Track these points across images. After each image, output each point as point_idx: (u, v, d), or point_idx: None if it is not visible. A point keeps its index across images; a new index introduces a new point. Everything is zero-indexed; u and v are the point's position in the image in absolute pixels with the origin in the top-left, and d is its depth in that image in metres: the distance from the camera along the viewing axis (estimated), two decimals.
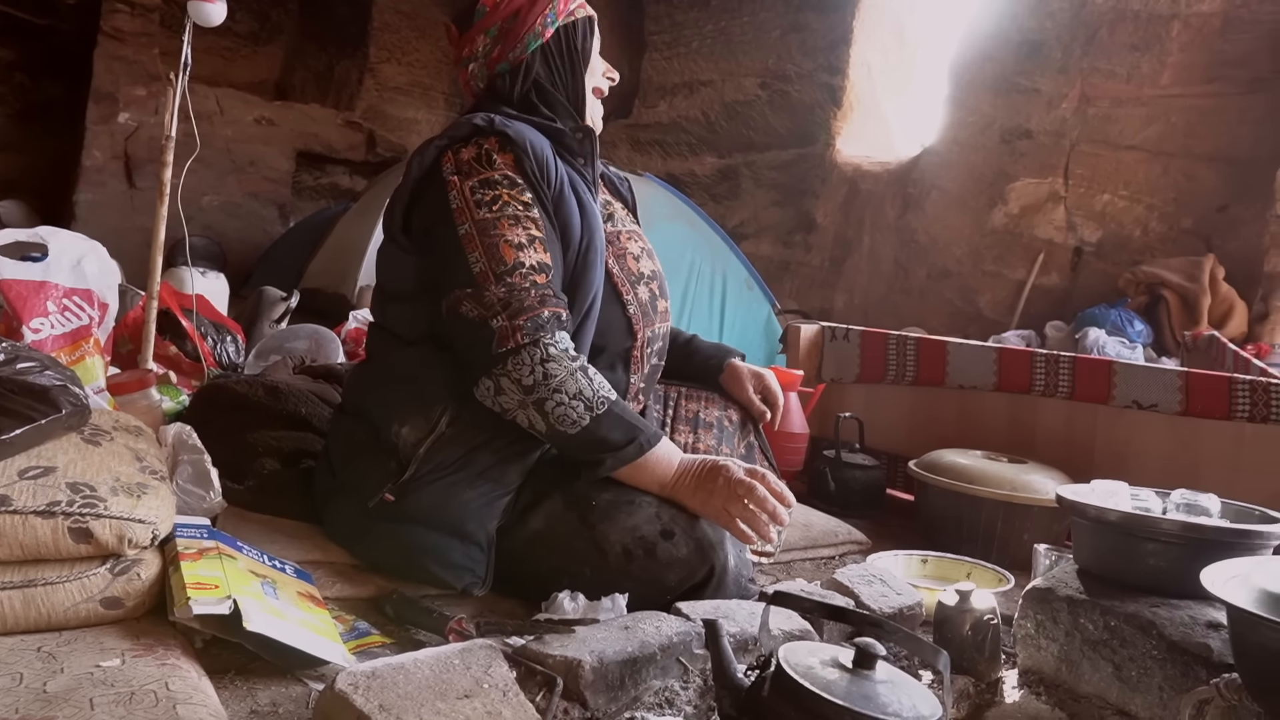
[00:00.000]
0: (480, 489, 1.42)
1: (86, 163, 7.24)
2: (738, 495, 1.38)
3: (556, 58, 1.59)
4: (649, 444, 1.41)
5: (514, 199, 1.43)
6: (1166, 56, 5.14)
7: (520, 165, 1.45)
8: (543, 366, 1.36)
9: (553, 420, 1.37)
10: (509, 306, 1.37)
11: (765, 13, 7.17)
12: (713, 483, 1.41)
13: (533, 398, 1.36)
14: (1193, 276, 4.77)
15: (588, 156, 1.59)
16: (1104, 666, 1.29)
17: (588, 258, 1.50)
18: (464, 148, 1.47)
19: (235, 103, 8.06)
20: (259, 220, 8.03)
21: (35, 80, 8.26)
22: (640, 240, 1.70)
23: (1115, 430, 2.19)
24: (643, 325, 1.61)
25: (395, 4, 9.01)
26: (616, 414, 1.39)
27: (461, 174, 1.45)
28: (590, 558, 1.40)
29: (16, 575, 1.10)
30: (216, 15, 2.10)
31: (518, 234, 1.41)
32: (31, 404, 1.22)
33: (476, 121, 1.47)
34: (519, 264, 1.40)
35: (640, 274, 1.64)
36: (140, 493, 1.20)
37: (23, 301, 1.60)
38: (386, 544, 1.44)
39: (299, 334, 2.83)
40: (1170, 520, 1.34)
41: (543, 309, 1.38)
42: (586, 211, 1.52)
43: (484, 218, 1.42)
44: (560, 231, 1.48)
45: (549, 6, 1.57)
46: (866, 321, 5.80)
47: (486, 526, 1.42)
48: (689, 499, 1.42)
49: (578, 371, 1.38)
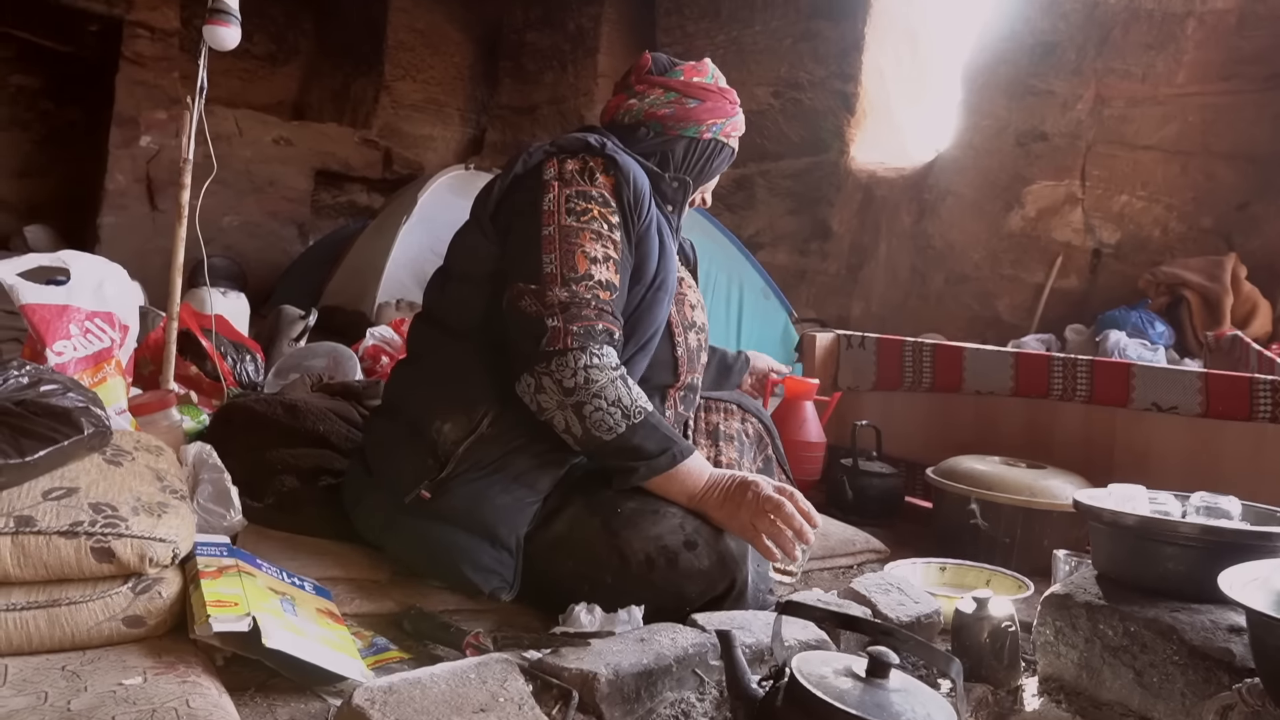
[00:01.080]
0: (514, 493, 1.45)
1: (109, 186, 7.36)
2: (765, 511, 1.40)
3: (695, 156, 1.70)
4: (681, 455, 1.44)
5: (603, 217, 1.48)
6: (1182, 55, 5.10)
7: (618, 190, 1.51)
8: (585, 372, 1.39)
9: (589, 424, 1.40)
10: (567, 310, 1.41)
11: (777, 21, 7.18)
12: (741, 497, 1.43)
13: (572, 400, 1.39)
14: (1214, 276, 4.72)
15: (678, 205, 1.68)
16: (1125, 673, 1.28)
17: (658, 295, 1.56)
18: (571, 159, 1.52)
19: (253, 124, 8.16)
20: (278, 239, 8.12)
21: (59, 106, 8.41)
22: (697, 294, 1.78)
23: (1135, 433, 2.17)
24: (686, 369, 1.66)
25: (409, 22, 9.11)
26: (652, 424, 1.43)
27: (562, 180, 1.50)
28: (612, 564, 1.41)
29: (41, 595, 1.12)
30: (231, 39, 2.13)
31: (595, 248, 1.46)
32: (54, 426, 1.24)
33: (590, 140, 1.54)
34: (588, 275, 1.44)
35: (693, 322, 1.71)
36: (161, 512, 1.22)
37: (46, 325, 1.62)
38: (417, 541, 1.46)
39: (317, 352, 2.85)
40: (1189, 523, 1.33)
41: (598, 321, 1.42)
42: (666, 252, 1.58)
43: (569, 225, 1.46)
44: (638, 264, 1.53)
45: (721, 119, 1.69)
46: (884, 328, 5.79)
47: (517, 531, 1.44)
48: (716, 511, 1.44)
49: (618, 379, 1.41)
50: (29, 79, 8.23)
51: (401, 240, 5.57)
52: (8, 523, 1.10)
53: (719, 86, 1.71)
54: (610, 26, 8.31)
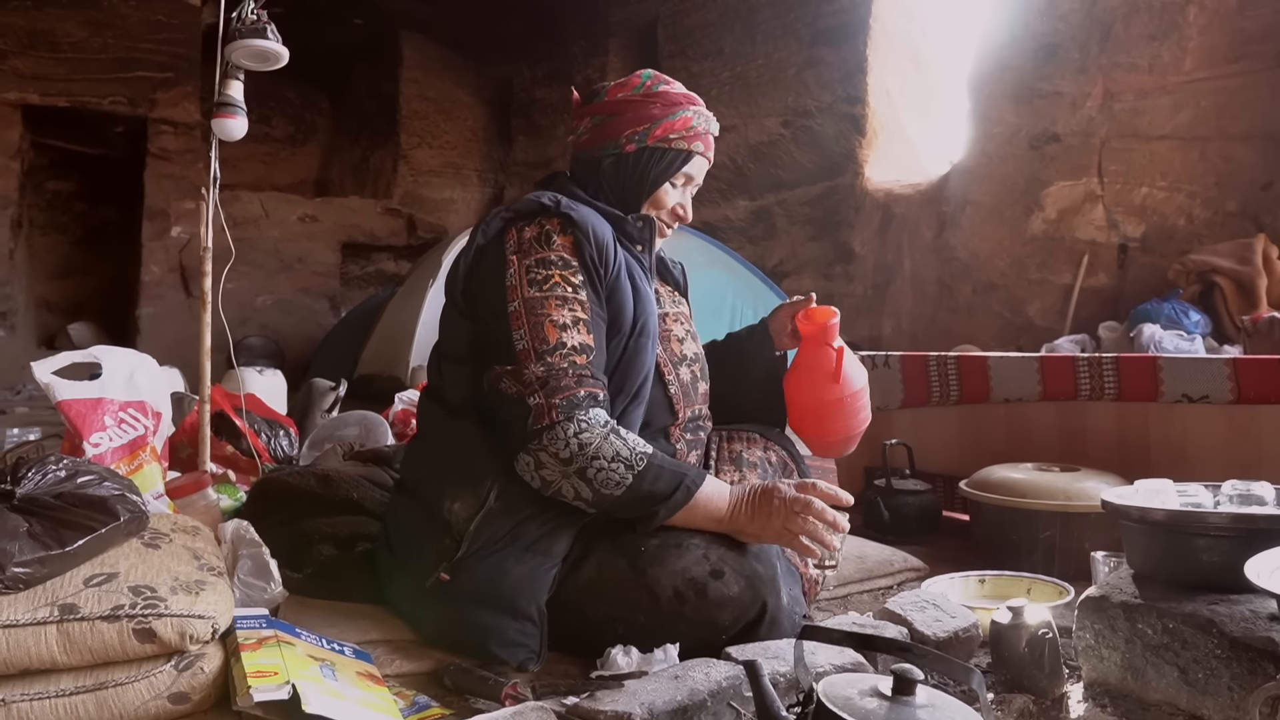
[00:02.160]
0: (529, 563, 1.44)
1: (145, 278, 7.59)
2: (795, 513, 1.41)
3: (625, 172, 1.63)
4: (695, 485, 1.44)
5: (565, 280, 1.47)
6: (1186, 42, 5.07)
7: (578, 248, 1.49)
8: (577, 439, 1.39)
9: (597, 485, 1.39)
10: (546, 385, 1.41)
11: (779, 53, 7.26)
12: (768, 506, 1.43)
13: (573, 468, 1.39)
14: (1245, 259, 4.64)
15: (646, 244, 1.63)
16: (1169, 671, 1.25)
17: (639, 341, 1.54)
18: (528, 226, 1.51)
19: (279, 204, 8.40)
20: (311, 314, 8.29)
21: (93, 206, 8.73)
22: (685, 323, 1.76)
23: (1169, 426, 2.14)
24: (684, 405, 1.64)
25: (420, 91, 9.34)
26: (657, 465, 1.42)
27: (520, 252, 1.49)
28: (642, 603, 1.42)
29: (88, 679, 1.16)
30: (238, 130, 2.22)
31: (563, 314, 1.45)
32: (92, 515, 1.28)
33: (544, 201, 1.52)
34: (560, 344, 1.43)
35: (683, 356, 1.68)
36: (199, 589, 1.25)
37: (82, 419, 1.69)
38: (444, 623, 1.48)
39: (348, 421, 2.91)
40: (1219, 513, 1.31)
41: (579, 388, 1.41)
42: (641, 297, 1.56)
43: (533, 296, 1.46)
44: (614, 315, 1.52)
45: (645, 125, 1.61)
46: (916, 345, 5.76)
47: (537, 600, 1.44)
48: (748, 527, 1.44)
49: (610, 435, 1.41)
50: (64, 184, 8.57)
51: (429, 303, 5.66)
52: (52, 611, 1.14)
53: (645, 94, 1.63)
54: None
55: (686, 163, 1.65)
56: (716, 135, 1.72)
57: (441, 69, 9.48)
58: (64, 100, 7.36)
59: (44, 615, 1.13)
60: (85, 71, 7.39)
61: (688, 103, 1.65)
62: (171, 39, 7.66)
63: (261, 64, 2.22)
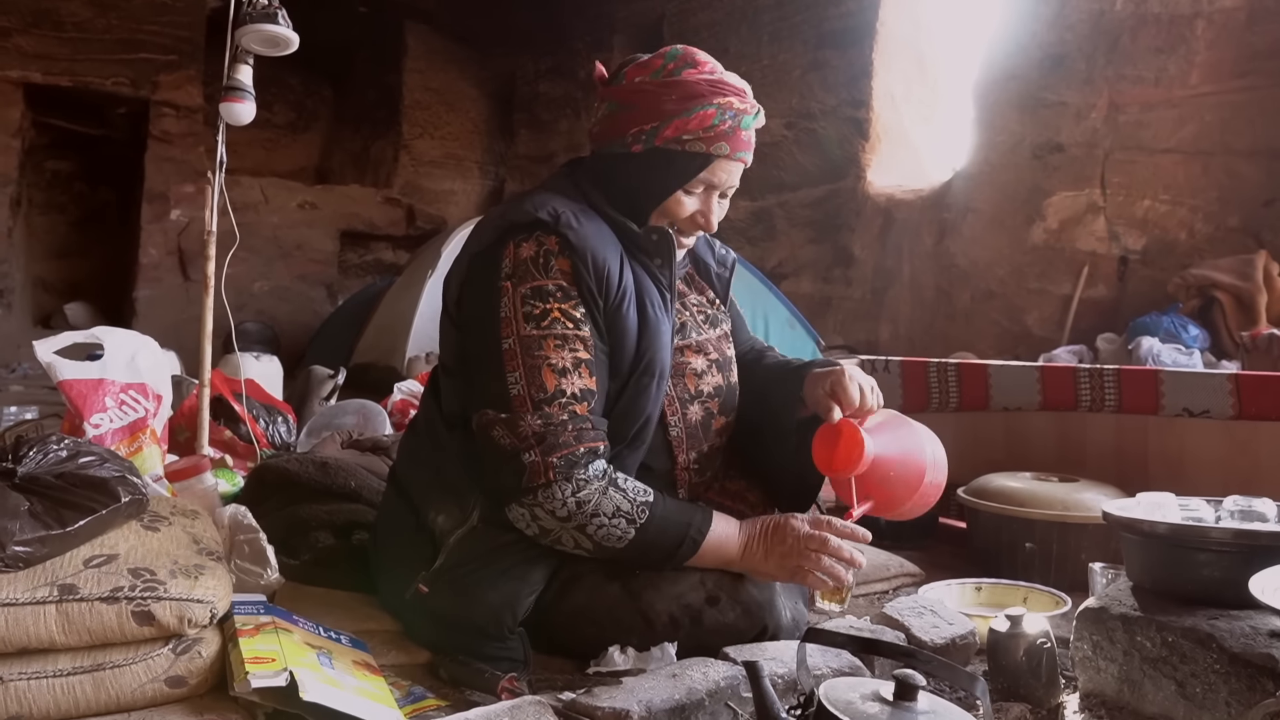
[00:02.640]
0: (502, 588, 1.38)
1: (143, 260, 7.57)
2: (809, 550, 1.35)
3: (631, 177, 1.45)
4: (702, 533, 1.37)
5: (565, 315, 1.35)
6: (1193, 55, 5.08)
7: (577, 274, 1.35)
8: (574, 499, 1.31)
9: (598, 540, 1.34)
10: (544, 441, 1.30)
11: (784, 54, 7.26)
12: (782, 544, 1.37)
13: (572, 524, 1.32)
14: (1245, 275, 4.66)
15: (665, 259, 1.45)
16: (1166, 685, 1.26)
17: (641, 382, 1.40)
18: (525, 241, 1.37)
19: (279, 190, 8.38)
20: (308, 301, 8.28)
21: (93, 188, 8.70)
22: (713, 352, 1.56)
23: (1168, 440, 2.15)
24: (686, 448, 1.50)
25: (424, 82, 9.33)
26: (660, 516, 1.35)
27: (515, 277, 1.35)
28: (637, 628, 1.40)
29: (86, 660, 1.16)
30: (246, 114, 2.21)
31: (563, 357, 1.33)
32: (93, 496, 1.28)
33: (542, 216, 1.37)
34: (560, 391, 1.32)
35: (698, 393, 1.52)
36: (197, 574, 1.25)
37: (83, 400, 1.68)
38: (425, 633, 1.46)
39: (347, 410, 2.91)
40: (1221, 529, 1.31)
41: (579, 445, 1.31)
42: (649, 329, 1.41)
43: (529, 334, 1.34)
44: (613, 349, 1.39)
45: (653, 124, 1.40)
46: (913, 350, 5.76)
47: (510, 623, 1.39)
48: (762, 566, 1.38)
49: (610, 489, 1.33)
50: (64, 164, 8.53)
51: (428, 294, 5.66)
52: (52, 591, 1.13)
53: (662, 82, 1.41)
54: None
55: (703, 168, 1.43)
56: (758, 127, 1.48)
57: (445, 60, 9.46)
58: (67, 80, 7.33)
59: (43, 595, 1.13)
60: (89, 52, 7.36)
61: (713, 94, 1.40)
62: (176, 21, 7.63)
63: (271, 49, 2.22)
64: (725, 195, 1.51)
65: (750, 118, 1.45)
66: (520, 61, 9.43)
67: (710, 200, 1.48)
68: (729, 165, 1.45)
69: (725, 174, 1.46)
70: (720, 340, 1.61)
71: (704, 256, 1.66)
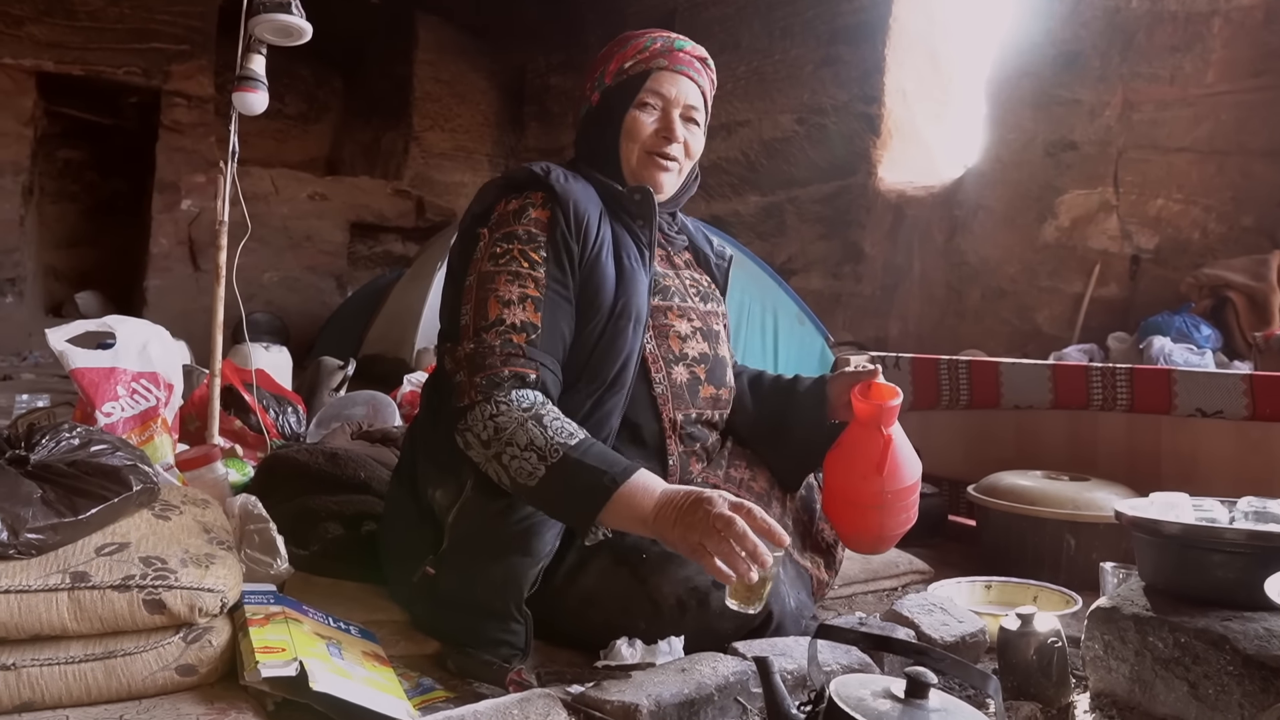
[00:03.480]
0: (506, 563, 1.37)
1: (153, 250, 7.59)
2: (715, 529, 1.21)
3: (596, 125, 1.58)
4: (616, 484, 1.27)
5: (524, 254, 1.42)
6: (1209, 54, 5.05)
7: (552, 223, 1.43)
8: (493, 421, 1.31)
9: (513, 474, 1.30)
10: (472, 362, 1.36)
11: (797, 49, 7.24)
12: (693, 516, 1.24)
13: (491, 451, 1.32)
14: (1259, 275, 4.63)
15: (646, 218, 1.53)
16: (1178, 686, 1.25)
17: (618, 324, 1.45)
18: (515, 198, 1.47)
19: (289, 181, 8.39)
20: (318, 292, 8.30)
21: (104, 177, 8.72)
22: (697, 319, 1.61)
23: (1180, 440, 2.13)
24: (672, 408, 1.52)
25: (435, 74, 9.33)
26: (575, 459, 1.28)
27: (493, 226, 1.45)
28: (645, 611, 1.39)
29: (98, 648, 1.16)
30: (259, 104, 2.21)
31: (511, 290, 1.39)
32: (105, 484, 1.28)
33: (535, 170, 1.48)
34: (499, 320, 1.38)
35: (682, 355, 1.55)
36: (208, 563, 1.25)
37: (95, 388, 1.69)
38: (430, 619, 1.46)
39: (356, 401, 2.91)
40: (1235, 529, 1.30)
41: (504, 368, 1.35)
42: (625, 278, 1.48)
43: (487, 270, 1.42)
44: (591, 295, 1.44)
45: (601, 69, 1.57)
46: (922, 347, 5.74)
47: (517, 600, 1.38)
48: (670, 533, 1.25)
49: (529, 421, 1.30)
50: (75, 152, 8.57)
51: (437, 286, 5.64)
52: (64, 579, 1.14)
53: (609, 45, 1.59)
54: None
55: (645, 80, 1.54)
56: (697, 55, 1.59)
57: (456, 52, 9.46)
58: (79, 69, 7.35)
59: (56, 582, 1.13)
60: (101, 41, 7.38)
61: (645, 32, 1.58)
62: (188, 11, 7.65)
63: (284, 39, 2.21)
64: (692, 120, 1.58)
65: (681, 40, 1.59)
66: (531, 54, 9.43)
67: (670, 118, 1.55)
68: (673, 77, 1.55)
69: (672, 86, 1.55)
70: (710, 315, 1.65)
71: (703, 247, 1.75)
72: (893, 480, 1.52)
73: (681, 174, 1.61)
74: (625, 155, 1.55)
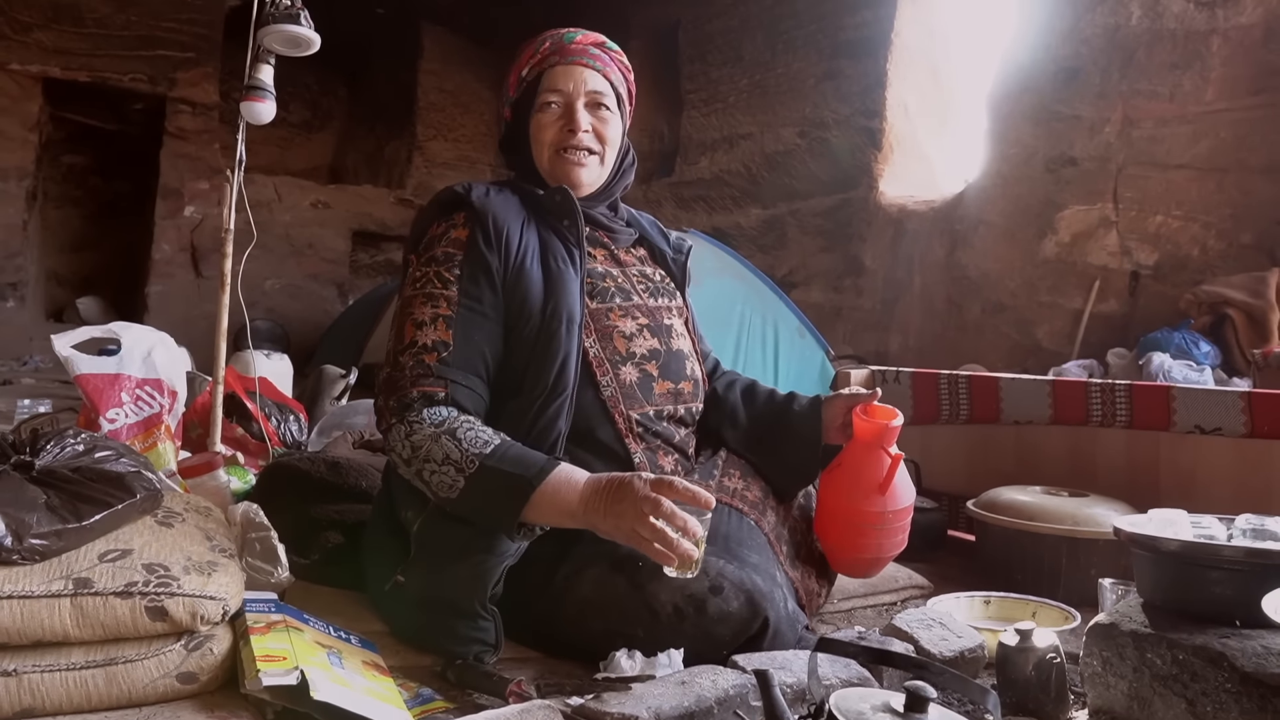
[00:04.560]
0: (470, 561, 1.39)
1: (156, 256, 7.60)
2: (644, 514, 1.24)
3: (512, 137, 1.63)
4: (537, 481, 1.30)
5: (438, 276, 1.46)
6: (1209, 72, 5.07)
7: (471, 241, 1.48)
8: (408, 442, 1.37)
9: (434, 488, 1.36)
10: (386, 387, 1.43)
11: (799, 63, 7.27)
12: (620, 503, 1.27)
13: (413, 470, 1.37)
14: (1258, 293, 4.64)
15: (570, 215, 1.54)
16: (1176, 703, 1.25)
17: (550, 327, 1.46)
18: (442, 221, 1.52)
19: (292, 189, 8.41)
20: (319, 300, 8.30)
21: (107, 182, 8.74)
22: (643, 316, 1.59)
23: (1180, 457, 2.14)
24: (625, 408, 1.52)
25: (439, 83, 9.35)
26: (490, 467, 1.32)
27: (419, 250, 1.52)
28: (642, 618, 1.40)
29: (99, 654, 1.16)
30: (266, 114, 2.23)
31: (424, 312, 1.44)
32: (109, 490, 1.29)
33: (458, 189, 1.53)
34: (413, 343, 1.43)
35: (629, 354, 1.55)
36: (211, 570, 1.26)
37: (99, 394, 1.69)
38: (404, 623, 1.48)
39: (358, 410, 2.92)
40: (1234, 546, 1.31)
41: (412, 389, 1.39)
42: (553, 281, 1.49)
43: (407, 295, 1.48)
44: (519, 304, 1.47)
45: (505, 87, 1.64)
46: (923, 361, 5.75)
47: (481, 596, 1.39)
48: (601, 523, 1.29)
49: (442, 436, 1.34)
50: (79, 157, 8.59)
51: None
52: (67, 584, 1.14)
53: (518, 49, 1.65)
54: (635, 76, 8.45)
55: (540, 81, 1.58)
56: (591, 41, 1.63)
57: (461, 62, 9.49)
58: (85, 75, 7.38)
59: (58, 588, 1.13)
60: (107, 47, 7.41)
61: (537, 38, 1.63)
62: (195, 19, 7.68)
63: (293, 49, 2.23)
64: (600, 105, 1.59)
65: (570, 33, 1.62)
66: None
67: (572, 110, 1.57)
68: (567, 70, 1.58)
69: (567, 80, 1.57)
70: (659, 310, 1.64)
71: (657, 242, 1.74)
72: (893, 500, 1.53)
73: (605, 163, 1.61)
74: (539, 160, 1.59)
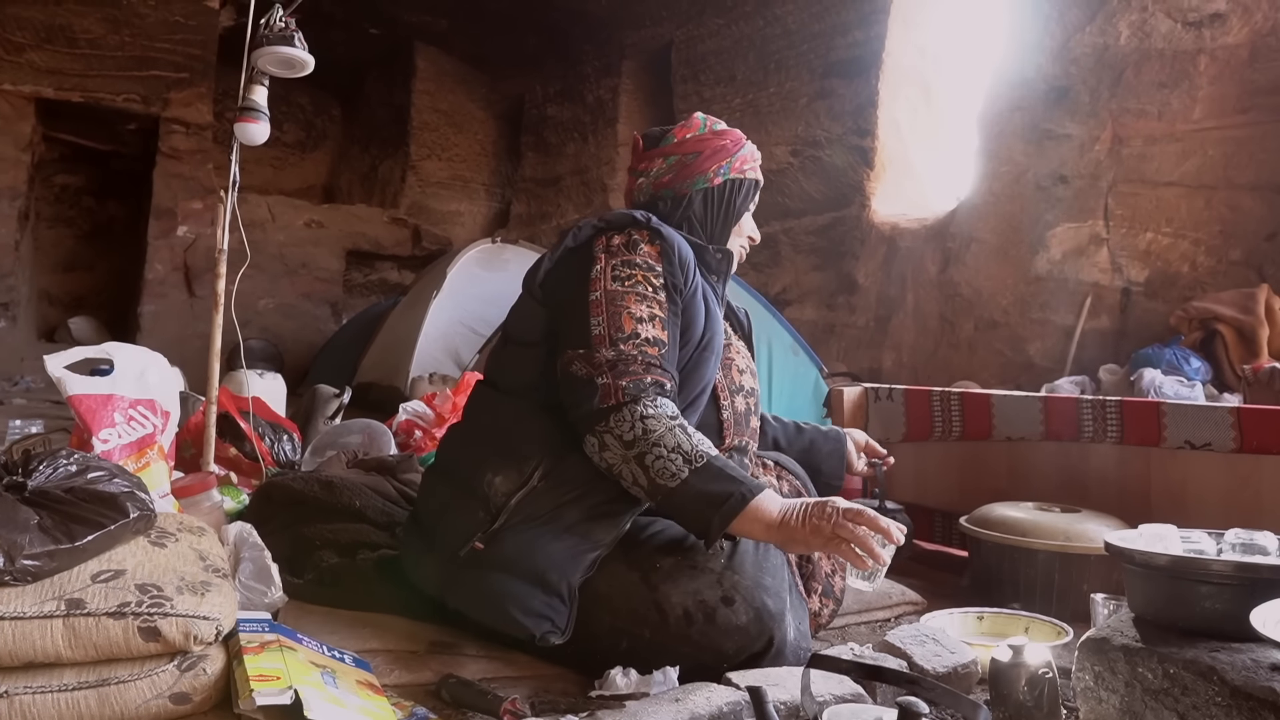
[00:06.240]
0: (566, 541, 1.45)
1: (149, 276, 7.60)
2: (847, 520, 1.38)
3: (715, 204, 1.75)
4: (751, 494, 1.42)
5: (647, 280, 1.55)
6: (1196, 90, 5.13)
7: (664, 255, 1.58)
8: (642, 423, 1.42)
9: (653, 474, 1.40)
10: (615, 367, 1.46)
11: (791, 82, 7.33)
12: (821, 514, 1.40)
13: (634, 452, 1.41)
14: (1247, 309, 4.67)
15: (721, 275, 1.74)
16: (1168, 716, 1.25)
17: (704, 355, 1.60)
18: (617, 234, 1.59)
19: (286, 209, 8.42)
20: (313, 319, 8.30)
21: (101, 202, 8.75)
22: (746, 359, 1.81)
23: (1170, 472, 2.15)
24: (733, 433, 1.67)
25: (433, 103, 9.40)
26: (717, 468, 1.42)
27: (609, 252, 1.57)
28: (650, 618, 1.42)
29: (92, 675, 1.16)
30: (260, 135, 2.24)
31: (640, 309, 1.52)
32: (102, 511, 1.29)
33: (635, 215, 1.61)
34: (635, 334, 1.50)
35: (741, 386, 1.73)
36: (204, 591, 1.26)
37: (92, 414, 1.69)
38: (472, 591, 1.48)
39: (352, 429, 2.91)
40: (1223, 561, 1.31)
41: (646, 375, 1.47)
42: (711, 316, 1.64)
43: (614, 289, 1.53)
44: (686, 325, 1.59)
45: (725, 160, 1.74)
46: (916, 379, 5.77)
47: (569, 578, 1.44)
48: (799, 530, 1.40)
49: (676, 428, 1.43)
50: (73, 178, 8.60)
51: (432, 315, 5.68)
52: (59, 605, 1.14)
53: (712, 132, 1.77)
54: (628, 97, 8.53)
55: (758, 189, 1.81)
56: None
57: (454, 82, 9.55)
58: (78, 95, 7.39)
59: (51, 609, 1.13)
60: (101, 68, 7.42)
61: (744, 138, 1.80)
62: (188, 40, 7.70)
63: (287, 71, 2.25)
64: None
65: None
66: (529, 85, 9.51)
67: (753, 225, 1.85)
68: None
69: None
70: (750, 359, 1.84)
71: (732, 305, 1.91)
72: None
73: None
74: (722, 233, 1.78)
